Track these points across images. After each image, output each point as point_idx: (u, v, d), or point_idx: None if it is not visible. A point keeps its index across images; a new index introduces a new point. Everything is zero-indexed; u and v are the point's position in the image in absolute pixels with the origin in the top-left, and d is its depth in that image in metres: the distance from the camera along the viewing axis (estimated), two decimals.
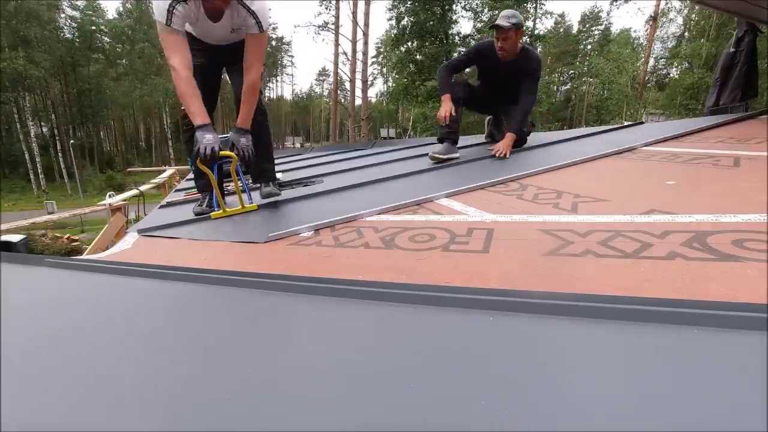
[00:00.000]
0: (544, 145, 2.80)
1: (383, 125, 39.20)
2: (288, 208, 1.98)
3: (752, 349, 0.48)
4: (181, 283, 0.97)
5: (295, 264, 1.19)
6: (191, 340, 0.69)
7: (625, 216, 1.16)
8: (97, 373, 0.59)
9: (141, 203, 4.92)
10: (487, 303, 0.66)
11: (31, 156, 28.46)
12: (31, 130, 28.57)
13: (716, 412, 0.39)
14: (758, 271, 0.76)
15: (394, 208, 1.60)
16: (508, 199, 1.55)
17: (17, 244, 1.93)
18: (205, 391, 0.52)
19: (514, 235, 1.16)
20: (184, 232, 1.77)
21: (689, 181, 1.49)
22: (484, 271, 0.95)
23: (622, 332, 0.55)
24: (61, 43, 30.47)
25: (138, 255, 1.55)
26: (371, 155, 3.71)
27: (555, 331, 0.57)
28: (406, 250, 1.14)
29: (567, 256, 0.95)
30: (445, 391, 0.46)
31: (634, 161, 1.92)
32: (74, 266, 1.23)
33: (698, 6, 15.08)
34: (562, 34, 37.14)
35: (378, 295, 0.74)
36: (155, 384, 0.55)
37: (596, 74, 24.83)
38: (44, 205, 17.75)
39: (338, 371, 0.53)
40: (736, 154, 1.72)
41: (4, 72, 24.34)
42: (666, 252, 0.89)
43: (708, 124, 2.50)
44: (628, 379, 0.45)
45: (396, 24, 16.84)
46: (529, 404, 0.43)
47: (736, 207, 1.11)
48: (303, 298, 0.79)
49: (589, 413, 0.40)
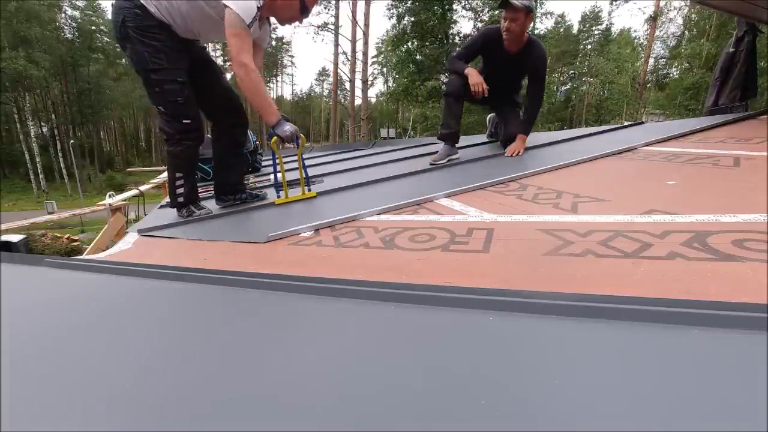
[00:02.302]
0: (544, 145, 2.80)
1: (383, 125, 39.20)
2: (288, 208, 1.98)
3: (752, 349, 0.48)
4: (181, 283, 0.97)
5: (295, 264, 1.19)
6: (191, 340, 0.69)
7: (625, 216, 1.16)
8: (97, 373, 0.59)
9: (141, 203, 4.92)
10: (487, 303, 0.66)
11: (31, 156, 28.45)
12: (31, 130, 28.55)
13: (716, 412, 0.39)
14: (758, 271, 0.76)
15: (394, 208, 1.60)
16: (508, 199, 1.55)
17: (17, 244, 1.93)
18: (204, 391, 0.52)
19: (514, 235, 1.16)
20: (184, 232, 1.77)
21: (689, 181, 1.49)
22: (484, 271, 0.95)
23: (622, 332, 0.55)
24: (62, 43, 30.49)
25: (138, 255, 1.55)
26: (371, 155, 3.71)
27: (555, 331, 0.57)
28: (406, 250, 1.14)
29: (567, 256, 0.95)
30: (445, 391, 0.46)
31: (634, 161, 1.92)
32: (74, 266, 1.23)
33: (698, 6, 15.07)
34: (562, 34, 37.13)
35: (378, 295, 0.74)
36: (155, 384, 0.55)
37: (596, 74, 24.83)
38: (44, 205, 17.74)
39: (338, 371, 0.53)
40: (736, 154, 1.72)
41: (5, 72, 24.34)
42: (666, 252, 0.89)
43: (708, 124, 2.50)
44: (628, 379, 0.45)
45: (396, 24, 16.84)
46: (529, 404, 0.43)
47: (736, 207, 1.11)
48: (303, 298, 0.79)
49: (589, 413, 0.40)
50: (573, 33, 38.42)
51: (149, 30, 1.69)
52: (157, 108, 1.82)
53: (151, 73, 1.73)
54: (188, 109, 1.83)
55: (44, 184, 28.83)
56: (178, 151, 1.87)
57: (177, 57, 1.77)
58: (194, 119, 1.85)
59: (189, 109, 1.83)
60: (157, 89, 1.76)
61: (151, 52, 1.70)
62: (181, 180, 1.93)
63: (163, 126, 1.84)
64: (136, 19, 1.67)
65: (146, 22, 1.68)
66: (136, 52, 1.71)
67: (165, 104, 1.78)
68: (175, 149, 1.87)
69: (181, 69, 1.79)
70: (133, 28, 1.68)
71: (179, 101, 1.79)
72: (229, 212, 1.99)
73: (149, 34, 1.69)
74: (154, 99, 1.79)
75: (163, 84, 1.75)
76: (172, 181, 1.94)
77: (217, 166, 2.14)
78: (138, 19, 1.67)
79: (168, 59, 1.74)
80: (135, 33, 1.68)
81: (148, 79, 1.75)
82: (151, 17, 1.68)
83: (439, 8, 15.79)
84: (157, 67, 1.72)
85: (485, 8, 16.51)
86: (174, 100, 1.78)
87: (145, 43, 1.69)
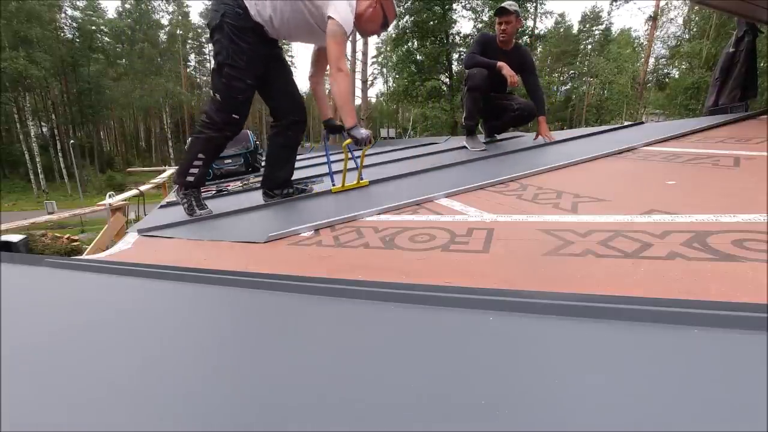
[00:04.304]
0: (544, 145, 2.80)
1: (383, 125, 39.19)
2: (288, 208, 1.98)
3: (752, 349, 0.48)
4: (181, 283, 0.97)
5: (295, 264, 1.19)
6: (191, 339, 0.69)
7: (625, 216, 1.16)
8: (97, 373, 0.59)
9: (141, 203, 4.92)
10: (487, 303, 0.66)
11: (31, 156, 28.46)
12: (31, 130, 28.56)
13: (717, 412, 0.39)
14: (758, 271, 0.76)
15: (394, 208, 1.60)
16: (508, 199, 1.55)
17: (17, 244, 1.93)
18: (204, 391, 0.52)
19: (514, 235, 1.16)
20: (184, 232, 1.77)
21: (689, 181, 1.48)
22: (484, 271, 0.94)
23: (622, 332, 0.55)
24: (62, 43, 30.50)
25: (138, 255, 1.55)
26: (371, 155, 3.71)
27: (555, 331, 0.57)
28: (406, 250, 1.14)
29: (567, 256, 0.95)
30: (444, 391, 0.46)
31: (635, 161, 1.92)
32: (74, 266, 1.23)
33: (698, 6, 15.07)
34: (562, 34, 37.13)
35: (378, 295, 0.74)
36: (155, 384, 0.55)
37: (596, 74, 24.83)
38: (44, 205, 17.73)
39: (338, 371, 0.53)
40: (736, 154, 1.72)
41: (5, 72, 24.34)
42: (666, 252, 0.89)
43: (708, 124, 2.50)
44: (628, 379, 0.45)
45: (396, 23, 16.83)
46: (528, 404, 0.43)
47: (736, 207, 1.11)
48: (303, 298, 0.79)
49: (588, 413, 0.40)
50: (573, 33, 38.43)
51: (243, 32, 1.82)
52: (213, 94, 1.92)
53: (226, 67, 1.84)
54: (242, 107, 1.95)
55: (44, 184, 28.84)
56: (215, 137, 1.96)
57: (256, 62, 1.90)
58: (242, 117, 1.97)
59: (243, 107, 1.95)
60: (225, 81, 1.86)
61: (236, 50, 1.82)
62: (199, 162, 1.99)
63: (211, 112, 1.93)
64: (235, 18, 1.79)
65: (243, 23, 1.81)
66: (223, 45, 1.81)
67: (224, 96, 1.89)
68: (213, 134, 1.95)
69: (254, 73, 1.91)
70: (230, 24, 1.79)
71: (239, 98, 1.91)
72: (230, 212, 1.99)
73: (242, 35, 1.82)
74: (216, 86, 1.90)
75: (232, 80, 1.86)
76: (190, 161, 1.99)
77: (271, 162, 2.19)
78: (237, 18, 1.80)
79: (247, 62, 1.86)
80: (230, 29, 1.80)
81: (222, 69, 1.85)
82: (249, 19, 1.81)
83: (439, 8, 15.79)
84: (234, 64, 1.83)
85: (485, 8, 16.51)
86: (234, 97, 1.90)
87: (234, 41, 1.80)
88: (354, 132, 1.96)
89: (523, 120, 3.11)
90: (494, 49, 2.96)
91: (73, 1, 31.95)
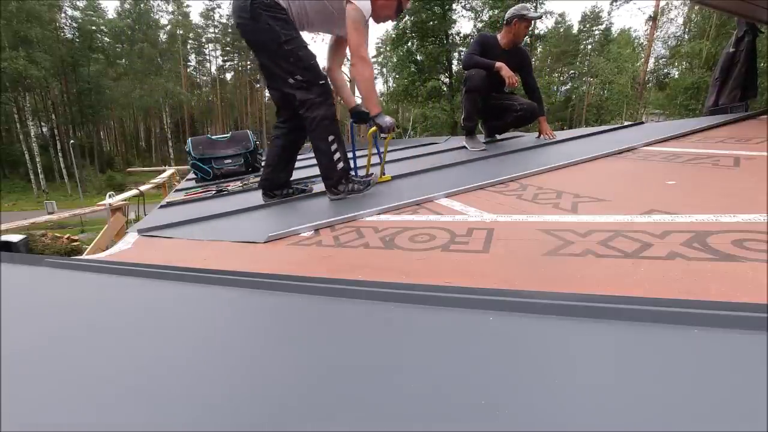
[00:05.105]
0: (544, 145, 2.80)
1: None
2: (288, 208, 1.98)
3: (752, 349, 0.48)
4: (181, 283, 0.97)
5: (295, 264, 1.19)
6: (191, 340, 0.69)
7: (625, 216, 1.16)
8: (97, 373, 0.59)
9: (141, 203, 4.92)
10: (487, 303, 0.66)
11: (31, 156, 28.45)
12: (31, 130, 28.55)
13: (716, 412, 0.39)
14: (758, 271, 0.76)
15: (394, 208, 1.60)
16: (508, 199, 1.55)
17: (17, 244, 1.93)
18: (204, 391, 0.52)
19: (514, 235, 1.16)
20: (184, 232, 1.77)
21: (689, 181, 1.49)
22: (484, 271, 0.94)
23: (622, 332, 0.55)
24: (62, 43, 30.50)
25: (138, 255, 1.55)
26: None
27: (555, 331, 0.57)
28: (406, 250, 1.14)
29: (567, 256, 0.95)
30: (444, 391, 0.46)
31: (635, 161, 1.92)
32: (74, 266, 1.23)
33: (698, 6, 15.07)
34: (562, 34, 37.13)
35: (378, 295, 0.74)
36: (155, 384, 0.55)
37: (596, 74, 24.83)
38: (44, 205, 17.73)
39: (338, 371, 0.53)
40: (736, 154, 1.72)
41: (5, 72, 24.34)
42: (666, 252, 0.89)
43: (708, 124, 2.50)
44: (628, 379, 0.45)
45: (396, 23, 16.82)
46: (528, 404, 0.43)
47: (736, 207, 1.11)
48: (303, 298, 0.79)
49: (589, 413, 0.40)
50: (573, 33, 38.42)
51: (276, 8, 1.80)
52: (292, 80, 1.85)
53: (284, 45, 1.80)
54: (321, 71, 1.92)
55: (44, 184, 28.83)
56: (330, 112, 1.90)
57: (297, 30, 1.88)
58: (326, 81, 1.93)
59: (321, 71, 1.92)
60: (292, 59, 1.82)
61: (282, 24, 1.80)
62: (335, 144, 1.91)
63: (304, 97, 1.86)
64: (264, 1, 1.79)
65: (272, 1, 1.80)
66: (269, 28, 1.79)
67: (302, 71, 1.84)
68: (326, 112, 1.88)
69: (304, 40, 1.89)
70: (263, 6, 1.78)
71: (314, 63, 1.87)
72: (230, 212, 1.99)
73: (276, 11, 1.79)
74: (289, 70, 1.84)
75: (297, 51, 1.82)
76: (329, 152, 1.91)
77: (273, 162, 2.15)
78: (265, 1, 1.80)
79: (295, 30, 1.85)
80: (265, 10, 1.78)
81: (281, 51, 1.81)
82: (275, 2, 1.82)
83: (439, 8, 15.78)
84: (288, 37, 1.80)
85: (485, 8, 16.51)
86: (311, 63, 1.85)
87: (276, 17, 1.79)
88: (379, 120, 1.97)
89: (525, 120, 3.09)
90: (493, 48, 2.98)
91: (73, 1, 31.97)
